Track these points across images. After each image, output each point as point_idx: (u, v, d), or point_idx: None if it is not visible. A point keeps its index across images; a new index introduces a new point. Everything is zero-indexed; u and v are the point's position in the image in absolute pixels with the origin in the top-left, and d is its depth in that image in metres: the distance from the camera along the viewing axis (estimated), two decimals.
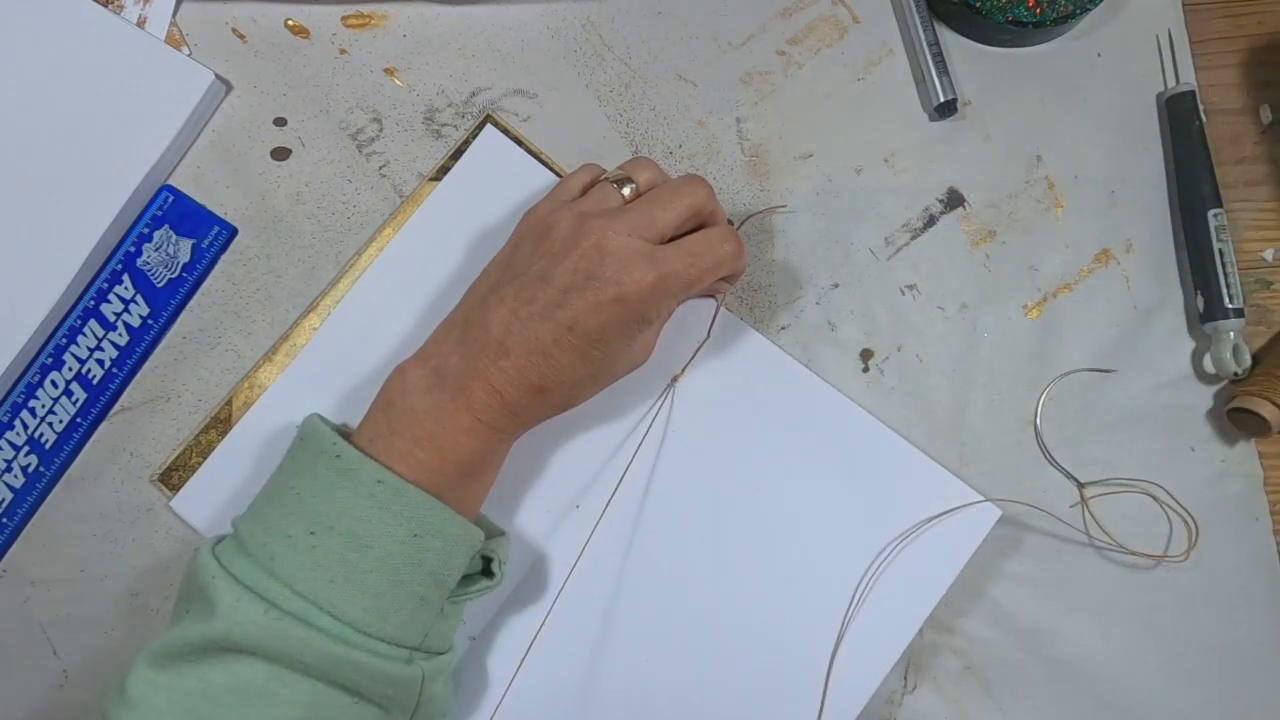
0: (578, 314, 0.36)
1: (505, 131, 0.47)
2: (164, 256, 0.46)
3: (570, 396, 0.39)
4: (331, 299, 0.46)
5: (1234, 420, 0.44)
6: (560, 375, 0.37)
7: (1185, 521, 0.44)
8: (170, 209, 0.46)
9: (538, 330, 0.36)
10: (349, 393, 0.45)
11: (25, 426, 0.44)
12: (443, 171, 0.47)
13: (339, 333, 0.45)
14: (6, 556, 0.44)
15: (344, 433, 0.37)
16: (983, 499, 0.43)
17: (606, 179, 0.40)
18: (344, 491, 0.34)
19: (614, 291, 0.36)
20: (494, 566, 0.39)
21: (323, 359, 0.45)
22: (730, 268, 0.39)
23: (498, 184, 0.46)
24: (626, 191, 0.40)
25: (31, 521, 0.44)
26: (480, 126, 0.47)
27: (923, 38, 0.47)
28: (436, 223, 0.46)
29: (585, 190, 0.41)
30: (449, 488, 0.36)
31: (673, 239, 0.39)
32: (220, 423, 0.45)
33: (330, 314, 0.45)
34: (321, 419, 0.38)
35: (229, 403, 0.45)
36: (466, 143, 0.47)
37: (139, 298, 0.45)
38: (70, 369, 0.45)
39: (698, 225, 0.40)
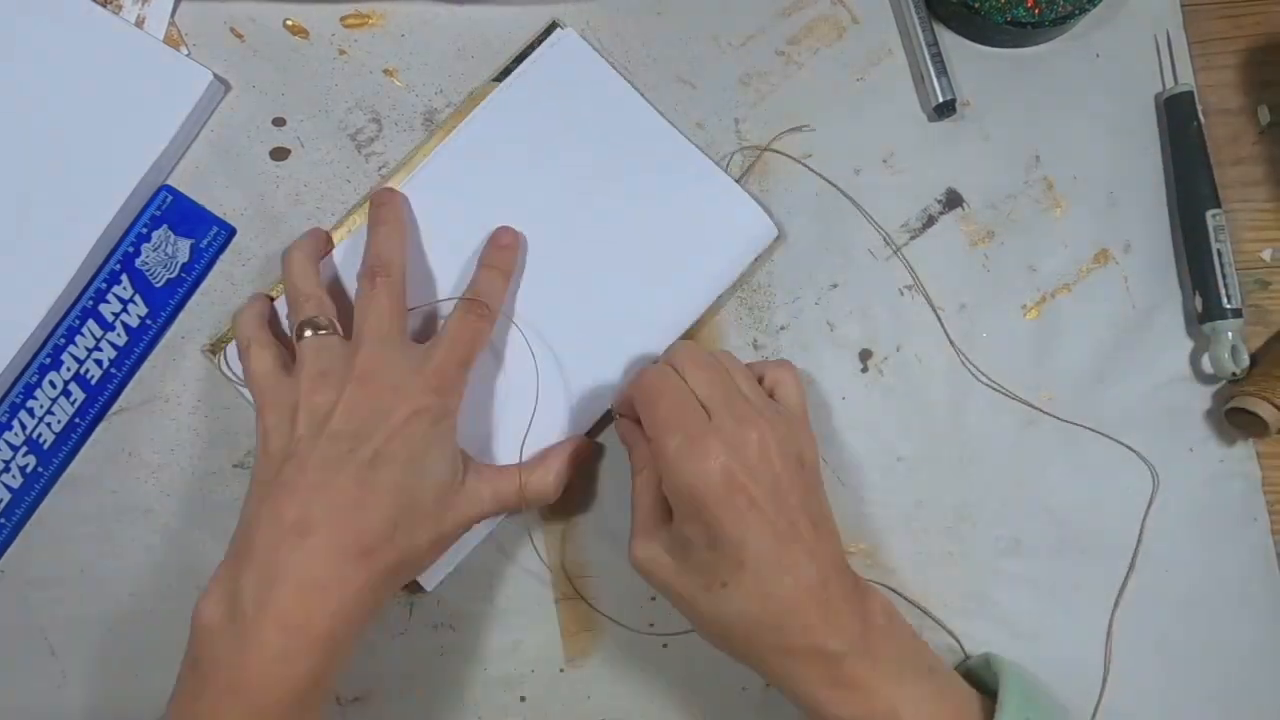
0: (378, 447, 0.34)
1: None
2: (162, 256, 0.46)
3: (402, 553, 0.35)
4: None
5: (1232, 421, 0.44)
6: (379, 522, 0.34)
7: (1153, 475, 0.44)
8: (169, 209, 0.46)
9: (338, 481, 0.33)
10: None
11: (23, 427, 0.44)
12: (504, 73, 0.47)
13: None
14: (5, 556, 0.44)
15: None
16: (769, 219, 0.45)
17: (309, 323, 0.38)
18: None
19: (405, 411, 0.35)
20: None
21: None
22: (484, 321, 0.39)
23: (569, 90, 0.46)
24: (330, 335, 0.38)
25: (30, 522, 0.44)
26: (547, 32, 0.47)
27: (922, 38, 0.47)
28: (500, 128, 0.46)
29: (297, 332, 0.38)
30: None
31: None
32: None
33: None
34: None
35: None
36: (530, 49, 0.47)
37: (137, 298, 0.45)
38: (68, 369, 0.45)
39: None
